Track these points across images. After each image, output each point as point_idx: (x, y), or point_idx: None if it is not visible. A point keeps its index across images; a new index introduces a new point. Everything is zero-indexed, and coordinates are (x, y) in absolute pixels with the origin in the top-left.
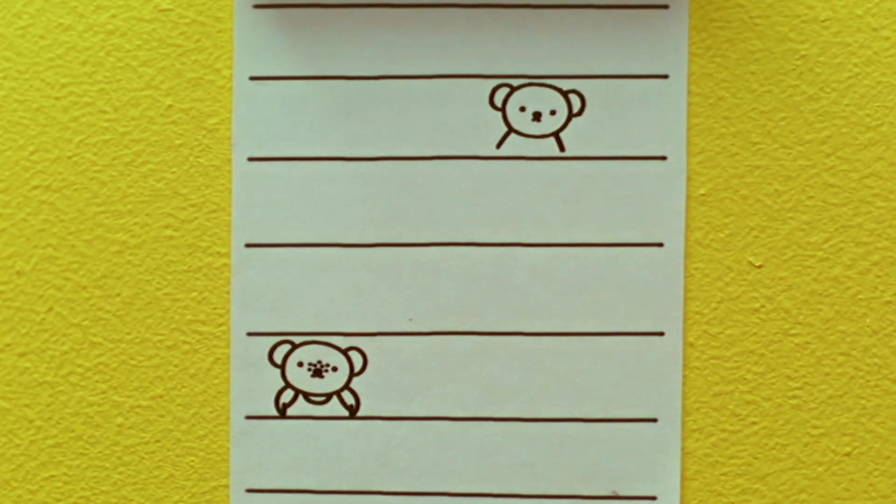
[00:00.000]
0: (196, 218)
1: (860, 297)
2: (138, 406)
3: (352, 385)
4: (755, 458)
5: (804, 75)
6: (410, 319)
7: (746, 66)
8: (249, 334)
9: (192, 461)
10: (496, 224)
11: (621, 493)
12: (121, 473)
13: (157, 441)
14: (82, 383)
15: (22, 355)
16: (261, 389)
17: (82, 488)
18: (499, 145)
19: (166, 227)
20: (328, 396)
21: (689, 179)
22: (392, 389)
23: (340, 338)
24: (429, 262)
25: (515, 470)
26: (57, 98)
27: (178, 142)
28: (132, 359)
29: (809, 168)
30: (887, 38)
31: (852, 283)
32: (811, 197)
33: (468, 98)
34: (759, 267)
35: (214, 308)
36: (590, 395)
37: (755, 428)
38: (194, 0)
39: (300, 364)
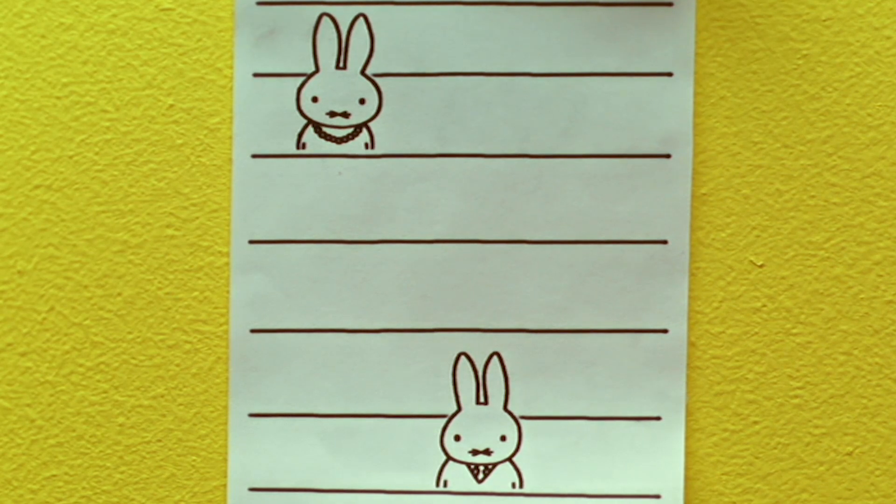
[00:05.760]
0: (197, 217)
1: (862, 296)
2: (139, 405)
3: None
4: (757, 458)
5: (806, 75)
6: (412, 316)
7: (748, 65)
8: (252, 331)
9: (194, 460)
10: (500, 220)
11: (625, 493)
12: (122, 473)
13: (159, 440)
14: (83, 383)
15: (23, 355)
16: (262, 388)
17: (83, 488)
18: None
19: (167, 226)
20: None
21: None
22: (394, 387)
23: (342, 335)
24: (431, 259)
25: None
26: (58, 97)
27: (179, 141)
28: (133, 358)
29: (811, 167)
30: (889, 38)
31: (854, 282)
32: (813, 196)
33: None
34: (761, 266)
35: (216, 307)
36: (593, 392)
37: (757, 427)
38: None
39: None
